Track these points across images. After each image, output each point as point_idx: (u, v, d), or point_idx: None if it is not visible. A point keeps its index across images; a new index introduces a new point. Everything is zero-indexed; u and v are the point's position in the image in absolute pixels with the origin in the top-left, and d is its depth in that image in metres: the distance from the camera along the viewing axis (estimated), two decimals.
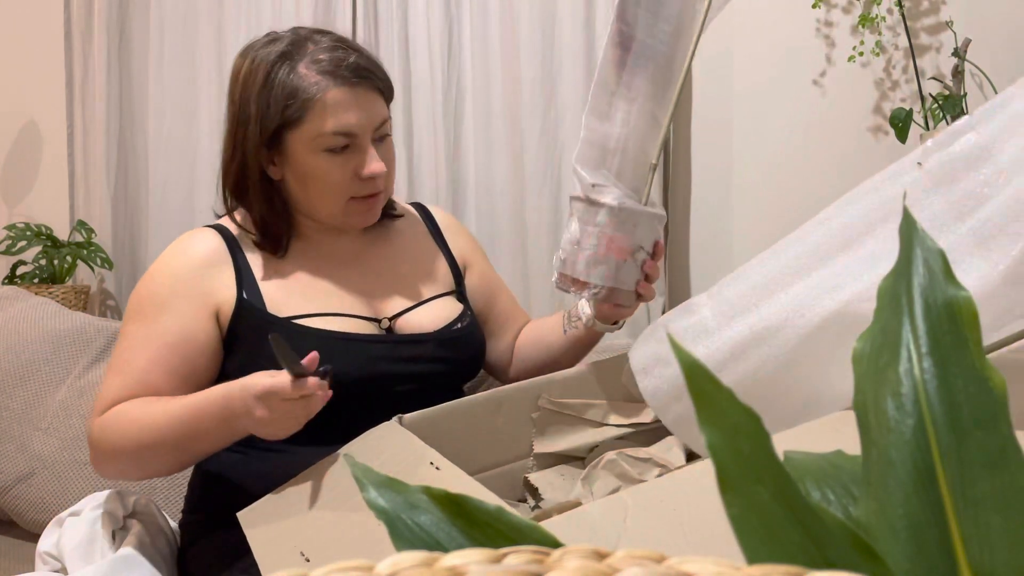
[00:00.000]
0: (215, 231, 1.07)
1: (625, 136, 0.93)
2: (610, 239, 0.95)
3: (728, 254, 1.59)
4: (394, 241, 1.17)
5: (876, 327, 0.32)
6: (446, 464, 0.71)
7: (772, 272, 0.73)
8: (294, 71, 0.99)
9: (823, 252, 0.69)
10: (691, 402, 0.23)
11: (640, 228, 0.97)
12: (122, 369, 0.98)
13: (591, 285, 0.97)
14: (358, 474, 0.31)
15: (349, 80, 1.00)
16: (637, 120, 0.93)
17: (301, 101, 0.98)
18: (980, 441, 0.28)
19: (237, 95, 1.04)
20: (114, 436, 0.95)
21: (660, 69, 0.92)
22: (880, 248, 0.66)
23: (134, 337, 1.00)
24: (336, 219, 1.07)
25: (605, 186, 0.95)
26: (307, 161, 1.01)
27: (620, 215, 0.94)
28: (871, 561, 0.25)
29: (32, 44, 2.14)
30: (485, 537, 0.28)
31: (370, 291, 1.09)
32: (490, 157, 1.69)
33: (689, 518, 0.52)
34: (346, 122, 0.99)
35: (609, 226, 0.95)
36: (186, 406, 0.92)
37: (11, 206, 2.20)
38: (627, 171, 0.96)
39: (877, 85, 1.47)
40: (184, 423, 0.91)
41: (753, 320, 0.71)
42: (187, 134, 1.93)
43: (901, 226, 0.35)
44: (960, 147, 0.65)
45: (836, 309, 0.65)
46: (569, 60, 1.61)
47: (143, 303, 1.03)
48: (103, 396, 0.98)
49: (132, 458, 0.95)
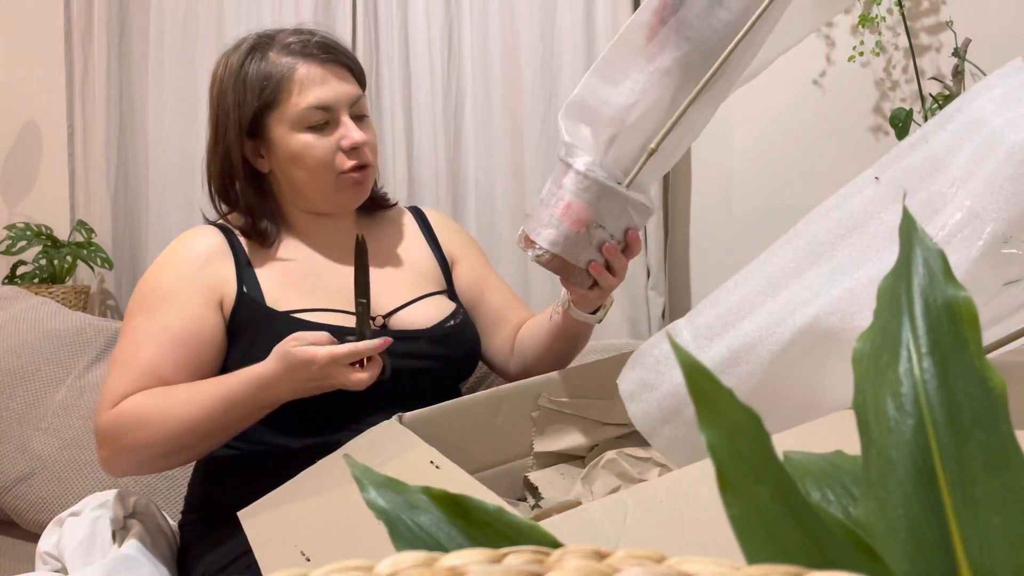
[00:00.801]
0: (215, 227, 1.09)
1: (628, 108, 0.86)
2: (567, 204, 0.89)
3: (728, 254, 1.59)
4: (386, 239, 1.18)
5: (876, 327, 0.32)
6: (446, 463, 0.72)
7: (746, 293, 0.73)
8: (265, 58, 1.04)
9: (792, 270, 0.70)
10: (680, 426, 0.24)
11: (604, 204, 0.89)
12: (128, 362, 0.98)
13: (536, 245, 0.92)
14: (358, 474, 0.31)
15: (318, 56, 1.05)
16: (649, 97, 0.86)
17: (275, 82, 1.03)
18: (980, 441, 0.28)
19: (215, 94, 1.07)
20: (134, 428, 0.94)
21: (699, 56, 0.83)
22: (844, 261, 0.67)
23: (140, 330, 1.00)
24: (328, 198, 1.08)
25: (577, 148, 0.88)
26: (290, 142, 1.03)
27: (583, 183, 0.88)
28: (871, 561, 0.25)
29: (32, 44, 2.14)
30: (485, 537, 0.28)
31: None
32: (490, 157, 1.69)
33: (689, 518, 0.52)
34: (320, 96, 1.03)
35: (570, 191, 0.89)
36: (215, 384, 0.93)
37: (11, 206, 2.20)
38: (626, 148, 0.89)
39: (877, 85, 1.47)
40: (217, 402, 0.92)
41: (730, 340, 0.72)
42: (187, 134, 1.93)
43: (901, 226, 0.35)
44: (914, 159, 0.67)
45: (805, 324, 0.66)
46: (569, 60, 1.61)
47: (147, 297, 1.03)
48: (110, 390, 0.97)
49: (157, 447, 0.94)
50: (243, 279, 1.04)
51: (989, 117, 0.64)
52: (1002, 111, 0.64)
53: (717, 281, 0.83)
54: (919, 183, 0.66)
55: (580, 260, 0.92)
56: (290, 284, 1.06)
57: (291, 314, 1.02)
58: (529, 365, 1.14)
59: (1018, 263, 0.59)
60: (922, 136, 0.68)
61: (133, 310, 1.03)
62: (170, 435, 0.93)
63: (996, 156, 0.61)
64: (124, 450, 0.96)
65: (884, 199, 0.67)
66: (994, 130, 0.63)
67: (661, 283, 1.58)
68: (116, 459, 0.97)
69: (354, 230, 1.14)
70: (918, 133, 0.68)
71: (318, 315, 1.02)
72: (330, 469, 0.82)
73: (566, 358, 1.14)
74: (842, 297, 0.64)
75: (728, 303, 0.74)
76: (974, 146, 0.64)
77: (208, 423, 0.93)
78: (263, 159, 1.07)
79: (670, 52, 0.83)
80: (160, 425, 0.93)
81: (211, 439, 0.96)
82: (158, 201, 1.95)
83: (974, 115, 0.65)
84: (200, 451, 0.98)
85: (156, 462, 0.97)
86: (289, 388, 0.91)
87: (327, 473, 0.81)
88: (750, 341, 0.70)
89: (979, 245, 0.59)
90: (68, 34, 2.02)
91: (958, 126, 0.66)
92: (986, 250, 0.59)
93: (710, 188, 1.61)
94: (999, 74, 0.67)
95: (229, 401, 0.92)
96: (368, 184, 1.10)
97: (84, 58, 2.01)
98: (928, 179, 0.65)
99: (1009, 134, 0.61)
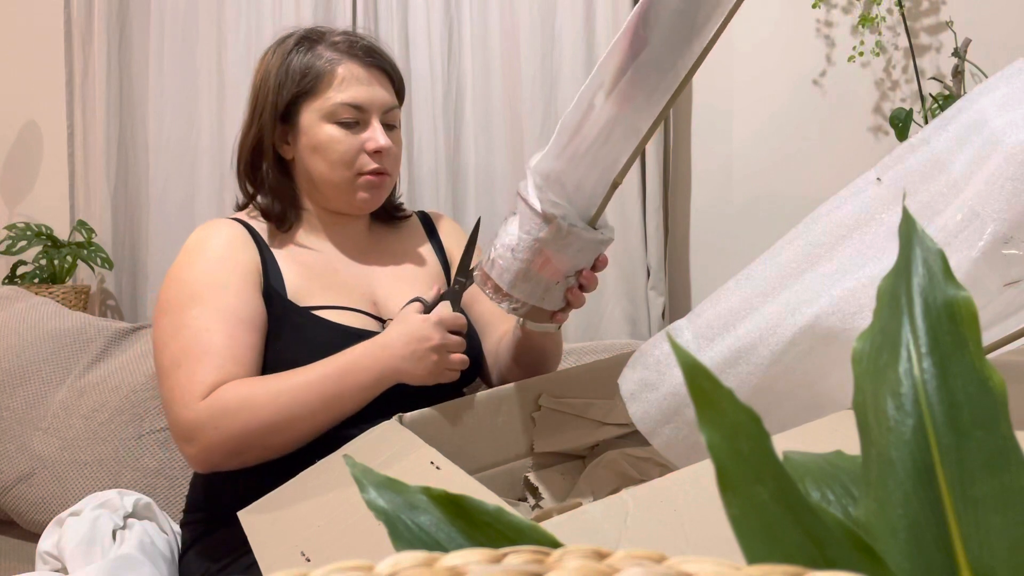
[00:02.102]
0: (232, 220, 1.09)
1: (597, 144, 0.82)
2: (546, 259, 0.86)
3: (728, 254, 1.59)
4: (397, 245, 1.18)
5: (876, 327, 0.32)
6: (446, 464, 0.72)
7: (747, 293, 0.73)
8: (311, 51, 1.07)
9: (792, 270, 0.70)
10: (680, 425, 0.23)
11: (583, 253, 0.88)
12: (205, 352, 0.94)
13: (513, 298, 0.89)
14: (358, 475, 0.31)
15: (362, 59, 1.08)
16: (616, 130, 0.82)
17: (316, 73, 1.06)
18: (980, 441, 0.28)
19: (258, 80, 1.10)
20: (237, 410, 0.91)
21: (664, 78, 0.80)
22: (845, 262, 0.67)
23: (201, 320, 0.96)
24: (343, 197, 1.09)
25: (557, 201, 0.84)
26: (318, 132, 1.05)
27: (567, 237, 0.85)
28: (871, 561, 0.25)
29: (32, 44, 2.14)
30: (485, 537, 0.28)
31: (373, 290, 1.10)
32: (490, 157, 1.69)
33: (689, 518, 0.52)
34: (356, 95, 1.05)
35: (551, 244, 0.85)
36: (324, 361, 0.93)
37: (11, 206, 2.20)
38: (588, 183, 0.85)
39: (877, 85, 1.47)
40: (330, 371, 0.92)
41: (731, 341, 0.72)
42: (187, 134, 1.93)
43: (901, 226, 0.35)
44: (915, 160, 0.67)
45: (805, 324, 0.66)
46: (569, 60, 1.61)
47: (193, 287, 1.00)
48: (195, 383, 0.93)
49: (261, 430, 0.91)
50: (267, 269, 1.04)
51: (990, 118, 0.64)
52: (1003, 112, 0.64)
53: (718, 282, 0.83)
54: (920, 184, 0.66)
55: (552, 306, 0.92)
56: (309, 278, 1.06)
57: (311, 310, 1.02)
58: (504, 376, 1.14)
59: (1018, 264, 0.59)
60: (923, 137, 0.68)
61: (182, 302, 0.99)
62: (276, 415, 0.90)
63: (997, 156, 0.61)
64: (224, 437, 0.91)
65: (885, 200, 0.67)
66: (995, 130, 0.63)
67: (661, 283, 1.58)
68: (213, 448, 0.92)
69: (367, 233, 1.15)
70: (920, 134, 0.68)
71: (335, 313, 1.03)
72: (330, 469, 0.82)
73: (541, 368, 1.12)
74: (842, 297, 0.64)
75: (729, 303, 0.74)
76: (975, 147, 0.64)
77: (319, 397, 0.91)
78: (289, 146, 1.09)
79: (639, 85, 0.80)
80: (267, 405, 0.90)
81: (316, 418, 0.92)
82: (158, 201, 1.95)
83: (975, 116, 0.65)
84: (303, 433, 0.94)
85: (254, 451, 0.93)
86: (402, 348, 0.93)
87: (327, 473, 0.81)
88: (751, 341, 0.70)
89: (980, 246, 0.59)
90: (68, 34, 2.02)
91: (959, 127, 0.66)
92: (987, 250, 0.59)
93: (710, 190, 1.61)
94: (1001, 75, 0.67)
95: (341, 369, 0.92)
96: (383, 192, 1.11)
97: (84, 58, 2.01)
98: (929, 180, 0.66)
99: (1010, 134, 0.61)
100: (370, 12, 1.76)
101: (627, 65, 0.78)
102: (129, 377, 1.43)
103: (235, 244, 1.04)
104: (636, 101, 0.80)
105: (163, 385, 0.97)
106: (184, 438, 0.94)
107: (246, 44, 1.86)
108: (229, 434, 0.91)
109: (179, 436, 0.94)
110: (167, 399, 0.96)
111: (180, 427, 0.94)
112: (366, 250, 1.14)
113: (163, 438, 1.37)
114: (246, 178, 1.12)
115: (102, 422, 1.40)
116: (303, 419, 0.92)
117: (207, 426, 0.92)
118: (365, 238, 1.15)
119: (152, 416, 1.39)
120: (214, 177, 1.88)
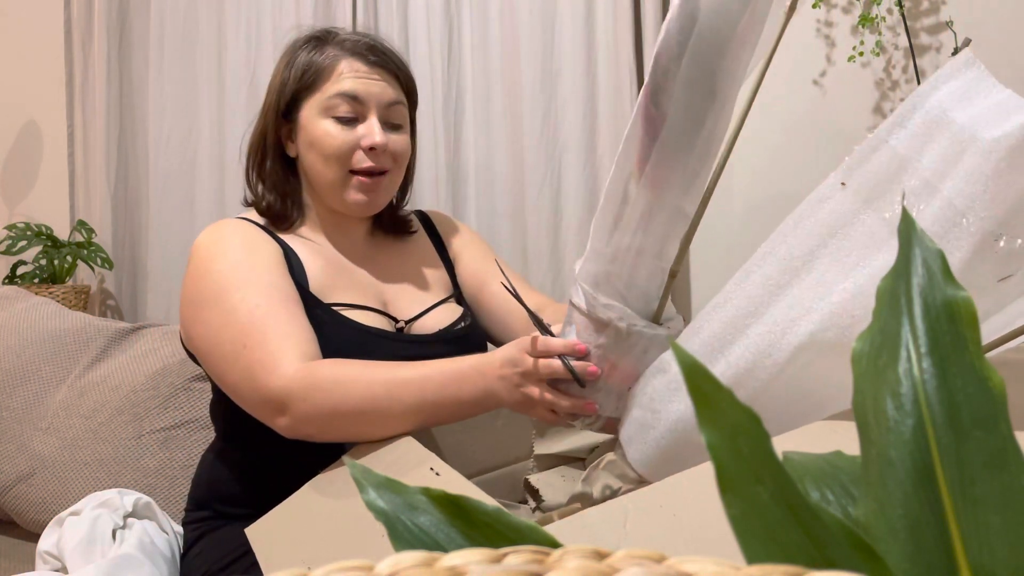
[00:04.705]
0: (240, 219, 1.07)
1: (639, 235, 0.77)
2: (612, 365, 0.79)
3: (727, 255, 1.59)
4: (402, 248, 1.18)
5: (875, 327, 0.32)
6: (446, 469, 0.71)
7: (728, 317, 0.70)
8: (318, 50, 1.07)
9: (772, 287, 0.68)
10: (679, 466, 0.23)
11: (649, 353, 0.79)
12: (267, 325, 0.91)
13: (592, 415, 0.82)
14: (357, 475, 0.31)
15: (366, 57, 1.06)
16: (657, 216, 0.76)
17: (317, 68, 1.05)
18: (980, 441, 0.28)
19: (271, 79, 1.10)
20: (330, 387, 0.86)
21: (692, 152, 0.74)
22: (826, 274, 0.65)
23: (249, 300, 0.93)
24: (336, 195, 1.06)
25: (611, 303, 0.78)
26: (314, 127, 1.04)
27: (628, 338, 0.78)
28: (871, 561, 0.25)
29: (32, 44, 2.14)
30: (484, 538, 0.28)
31: (382, 291, 1.10)
32: (490, 157, 1.69)
33: (689, 520, 0.52)
34: (352, 86, 1.04)
35: (614, 350, 0.79)
36: (429, 367, 0.87)
37: (11, 206, 2.20)
38: (639, 277, 0.79)
39: (877, 85, 1.47)
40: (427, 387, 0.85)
41: (722, 367, 0.69)
42: (187, 134, 1.93)
43: (900, 226, 0.35)
44: (878, 161, 0.65)
45: (800, 343, 0.65)
46: (569, 60, 1.61)
47: (231, 275, 0.96)
48: (274, 352, 0.89)
49: (352, 419, 0.86)
50: (290, 261, 1.02)
51: (952, 114, 0.63)
52: (963, 106, 0.63)
53: (718, 280, 0.83)
54: (888, 185, 0.65)
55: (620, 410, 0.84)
56: (330, 275, 1.05)
57: (333, 307, 1.01)
58: None
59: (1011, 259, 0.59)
60: (881, 137, 0.66)
61: (221, 292, 0.95)
62: (367, 403, 0.86)
63: (973, 154, 0.60)
64: (315, 411, 0.87)
65: (854, 204, 0.66)
66: (962, 127, 0.62)
67: None
68: (307, 419, 0.88)
69: (368, 238, 1.14)
70: (876, 134, 0.66)
71: (355, 312, 1.02)
72: (332, 481, 0.81)
73: None
74: (834, 312, 0.63)
75: (711, 330, 0.71)
76: (943, 145, 0.63)
77: (415, 398, 0.85)
78: (293, 143, 1.08)
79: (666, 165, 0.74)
80: (360, 391, 0.86)
81: (407, 418, 0.87)
82: (158, 201, 1.95)
83: (934, 113, 0.64)
84: (391, 428, 0.88)
85: (340, 430, 0.89)
86: (499, 369, 0.84)
87: (332, 484, 0.81)
88: (746, 367, 0.67)
89: (970, 244, 0.59)
90: (68, 34, 2.02)
91: (918, 124, 0.65)
92: (978, 249, 0.59)
93: None
94: (951, 67, 0.65)
95: (447, 376, 0.85)
96: (380, 195, 1.07)
97: (84, 58, 2.01)
98: (896, 180, 0.64)
99: (982, 131, 0.60)
100: (370, 12, 1.76)
101: (648, 148, 0.72)
102: (129, 377, 1.43)
103: (255, 237, 1.03)
104: (670, 181, 0.74)
105: (234, 371, 0.92)
106: (275, 409, 0.89)
107: (246, 44, 1.86)
108: (319, 410, 0.87)
109: (269, 408, 0.89)
110: (246, 378, 0.91)
111: (270, 397, 0.88)
112: (368, 253, 1.13)
113: (163, 438, 1.37)
114: (254, 172, 1.11)
115: (102, 422, 1.40)
116: (393, 416, 0.87)
117: (297, 397, 0.87)
118: (364, 241, 1.14)
119: (152, 416, 1.39)
120: (214, 177, 1.88)
